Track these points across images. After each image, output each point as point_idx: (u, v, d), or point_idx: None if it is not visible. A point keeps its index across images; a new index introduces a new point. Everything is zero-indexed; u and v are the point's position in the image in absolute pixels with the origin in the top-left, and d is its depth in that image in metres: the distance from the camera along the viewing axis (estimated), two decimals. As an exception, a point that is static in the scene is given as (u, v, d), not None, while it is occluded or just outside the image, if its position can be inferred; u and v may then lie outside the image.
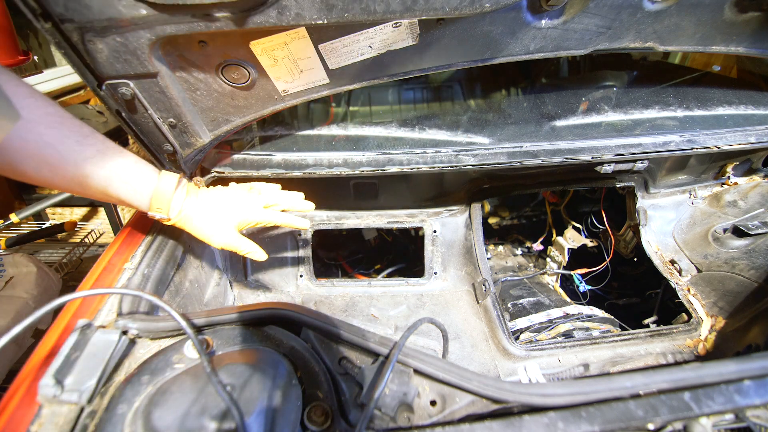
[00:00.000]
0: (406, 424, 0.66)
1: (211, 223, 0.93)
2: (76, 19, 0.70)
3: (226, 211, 0.95)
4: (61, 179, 0.76)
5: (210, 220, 0.93)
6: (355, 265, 1.83)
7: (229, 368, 0.66)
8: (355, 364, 0.73)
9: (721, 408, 0.62)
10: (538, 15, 0.88)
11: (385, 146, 1.22)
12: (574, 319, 1.27)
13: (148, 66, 0.81)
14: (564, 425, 0.60)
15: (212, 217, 0.93)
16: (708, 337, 1.19)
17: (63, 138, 0.74)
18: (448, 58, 0.93)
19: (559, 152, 1.18)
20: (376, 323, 1.32)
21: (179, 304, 1.06)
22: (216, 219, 0.93)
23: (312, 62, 0.87)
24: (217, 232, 0.94)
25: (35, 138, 0.71)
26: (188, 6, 0.69)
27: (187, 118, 0.95)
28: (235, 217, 0.95)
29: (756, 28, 1.00)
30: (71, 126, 0.76)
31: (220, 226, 0.94)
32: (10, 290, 1.72)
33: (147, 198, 0.86)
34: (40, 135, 0.71)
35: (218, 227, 0.94)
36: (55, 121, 0.74)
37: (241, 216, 0.96)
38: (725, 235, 1.31)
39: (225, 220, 0.95)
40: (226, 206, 0.96)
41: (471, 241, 1.42)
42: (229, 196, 0.98)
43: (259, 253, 1.00)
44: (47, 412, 0.65)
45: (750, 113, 1.30)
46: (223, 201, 0.96)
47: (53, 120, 0.73)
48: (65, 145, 0.74)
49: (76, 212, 2.72)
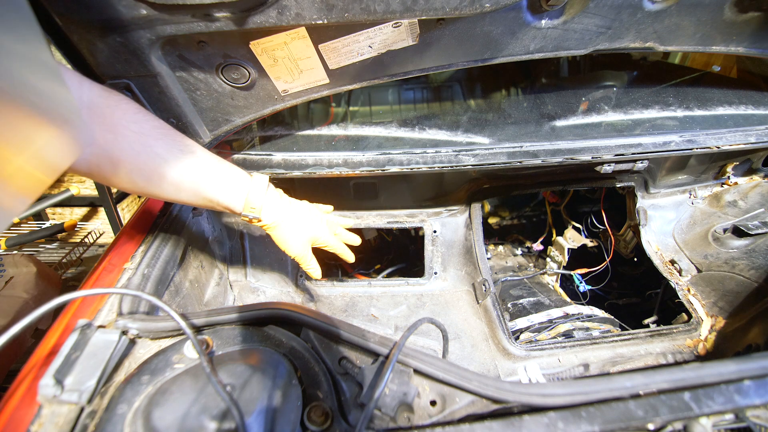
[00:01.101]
0: (406, 424, 0.66)
1: (295, 233, 1.00)
2: (76, 19, 0.70)
3: (308, 225, 1.03)
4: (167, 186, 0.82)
5: (294, 230, 1.00)
6: (355, 265, 1.83)
7: (229, 368, 0.66)
8: (355, 364, 0.73)
9: (721, 408, 0.62)
10: (538, 15, 0.88)
11: (385, 146, 1.22)
12: (574, 319, 1.27)
13: (148, 66, 0.81)
14: (564, 425, 0.60)
15: (297, 228, 1.00)
16: (708, 337, 1.19)
17: (169, 148, 0.80)
18: (448, 58, 0.93)
19: (559, 152, 1.18)
20: (376, 323, 1.32)
21: (179, 304, 1.06)
22: (300, 231, 1.01)
23: (312, 62, 0.87)
24: (298, 242, 1.01)
25: (146, 150, 0.77)
26: (188, 6, 0.69)
27: (187, 118, 0.95)
28: (313, 232, 1.03)
29: (756, 28, 1.00)
30: (174, 136, 0.82)
31: (301, 237, 1.01)
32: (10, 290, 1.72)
33: (242, 199, 0.90)
34: (151, 147, 0.77)
35: (299, 238, 1.01)
36: (161, 133, 0.80)
37: (316, 233, 1.04)
38: (725, 235, 1.31)
39: (306, 233, 1.02)
40: (309, 222, 1.03)
41: (471, 241, 1.42)
42: (314, 213, 1.06)
43: (317, 271, 1.09)
44: (47, 412, 0.65)
45: (750, 113, 1.30)
46: (309, 216, 1.04)
47: (159, 132, 0.79)
48: (172, 154, 0.80)
49: (76, 212, 2.72)
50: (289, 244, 1.00)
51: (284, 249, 1.01)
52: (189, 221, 1.20)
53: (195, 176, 0.83)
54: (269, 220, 0.95)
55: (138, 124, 0.76)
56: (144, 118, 0.78)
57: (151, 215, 1.13)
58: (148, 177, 0.80)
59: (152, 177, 0.80)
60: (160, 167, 0.79)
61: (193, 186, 0.84)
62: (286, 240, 1.00)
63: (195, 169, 0.83)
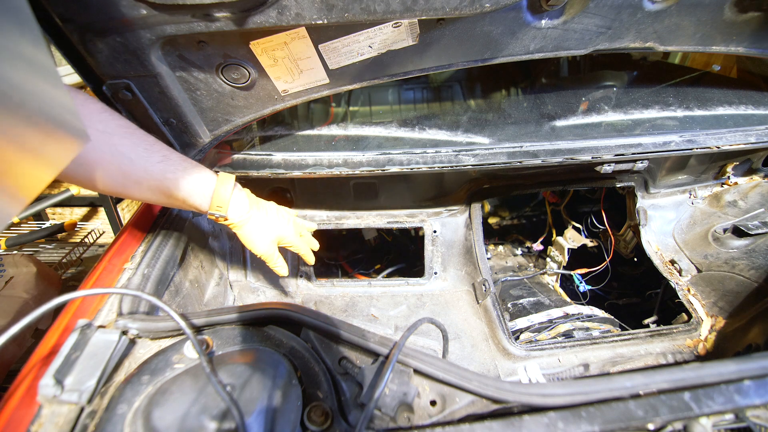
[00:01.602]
0: (406, 424, 0.66)
1: (261, 232, 1.01)
2: (76, 19, 0.70)
3: (275, 225, 1.04)
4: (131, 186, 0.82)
5: (260, 230, 1.01)
6: (355, 265, 1.83)
7: (229, 368, 0.66)
8: (355, 364, 0.73)
9: (721, 408, 0.62)
10: (538, 15, 0.88)
11: (385, 146, 1.22)
12: (574, 319, 1.27)
13: (148, 66, 0.81)
14: (564, 425, 0.60)
15: (263, 227, 1.01)
16: (708, 337, 1.19)
17: (133, 146, 0.80)
18: (448, 58, 0.93)
19: (559, 152, 1.18)
20: (376, 323, 1.32)
21: (179, 304, 1.06)
22: (266, 230, 1.02)
23: (312, 62, 0.87)
24: (264, 241, 1.02)
25: (111, 149, 0.77)
26: (188, 6, 0.69)
27: (187, 118, 0.95)
28: (279, 232, 1.05)
29: (756, 28, 1.00)
30: (139, 135, 0.82)
31: (267, 236, 1.02)
32: (10, 290, 1.72)
33: (208, 198, 0.91)
34: (115, 146, 0.77)
35: (265, 237, 1.02)
36: (126, 132, 0.79)
37: (282, 233, 1.06)
38: (725, 235, 1.31)
39: (272, 232, 1.03)
40: (276, 221, 1.05)
41: (471, 241, 1.42)
42: (280, 213, 1.08)
43: (285, 269, 1.10)
44: (47, 412, 0.65)
45: (750, 113, 1.30)
46: (275, 216, 1.05)
47: (125, 131, 0.79)
48: (136, 152, 0.80)
49: (76, 212, 2.72)
50: (255, 243, 1.01)
51: (250, 247, 1.02)
52: (189, 221, 1.20)
53: (160, 175, 0.83)
54: (235, 219, 0.95)
55: (103, 123, 0.76)
56: (109, 117, 0.78)
57: (152, 215, 1.13)
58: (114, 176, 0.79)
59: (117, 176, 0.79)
60: (125, 166, 0.79)
61: (158, 185, 0.84)
62: (253, 239, 1.00)
63: (160, 167, 0.82)
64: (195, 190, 0.88)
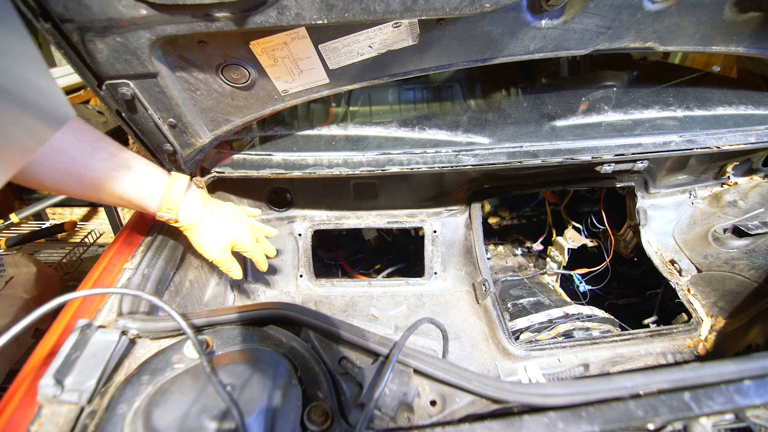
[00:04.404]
0: (406, 424, 0.66)
1: (214, 236, 0.97)
2: (76, 19, 0.70)
3: (229, 229, 0.99)
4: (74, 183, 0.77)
5: (214, 234, 0.96)
6: (355, 265, 1.83)
7: (229, 368, 0.66)
8: (355, 364, 0.73)
9: (721, 408, 0.62)
10: (538, 15, 0.88)
11: (385, 146, 1.22)
12: (574, 319, 1.27)
13: (148, 66, 0.81)
14: (564, 425, 0.60)
15: (217, 231, 0.97)
16: (708, 337, 1.19)
17: (76, 142, 0.75)
18: (448, 58, 0.93)
19: (559, 152, 1.18)
20: (376, 323, 1.32)
21: (179, 304, 1.06)
22: (219, 234, 0.97)
23: (312, 62, 0.87)
24: (216, 245, 0.98)
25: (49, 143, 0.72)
26: (188, 6, 0.69)
27: (187, 118, 0.95)
28: (233, 235, 1.00)
29: (756, 28, 1.00)
30: (84, 130, 0.77)
31: (220, 241, 0.98)
32: (10, 290, 1.72)
33: (157, 199, 0.86)
34: (53, 140, 0.72)
35: (218, 242, 0.98)
36: (70, 128, 0.75)
37: (237, 236, 1.01)
38: (725, 235, 1.31)
39: (226, 236, 0.99)
40: (231, 225, 1.00)
41: (471, 241, 1.42)
42: (237, 216, 1.03)
43: (238, 272, 1.06)
44: (47, 412, 0.65)
45: (750, 113, 1.30)
46: (231, 219, 1.01)
47: (67, 127, 0.74)
48: (78, 148, 0.75)
49: (76, 212, 2.72)
50: (207, 247, 0.97)
51: (202, 251, 0.98)
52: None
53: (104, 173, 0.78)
54: (187, 222, 0.92)
55: None
56: None
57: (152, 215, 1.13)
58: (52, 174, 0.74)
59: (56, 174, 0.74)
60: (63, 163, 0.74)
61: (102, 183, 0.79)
62: (205, 243, 0.96)
63: (104, 165, 0.78)
64: (143, 190, 0.84)
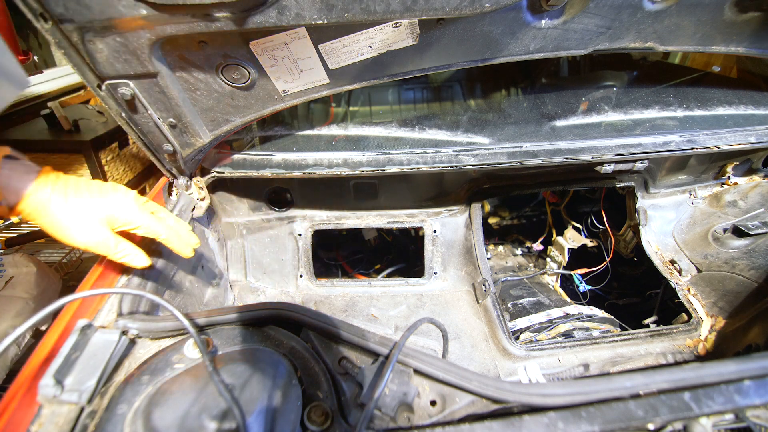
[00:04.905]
0: (406, 424, 0.66)
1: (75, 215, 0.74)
2: (76, 19, 0.70)
3: (97, 204, 0.76)
4: None
5: (74, 214, 0.74)
6: (355, 265, 1.83)
7: (230, 368, 0.66)
8: (355, 364, 0.73)
9: (721, 408, 0.62)
10: (538, 15, 0.88)
11: (385, 146, 1.22)
12: (574, 319, 1.27)
13: (148, 66, 0.81)
14: (564, 425, 0.60)
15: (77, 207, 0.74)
16: (708, 337, 1.19)
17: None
18: (448, 58, 0.93)
19: (559, 152, 1.18)
20: (376, 323, 1.32)
21: (179, 303, 1.06)
22: (82, 210, 0.75)
23: (312, 62, 0.87)
24: (83, 228, 0.75)
25: None
26: (188, 6, 0.69)
27: (187, 118, 0.95)
28: (108, 211, 0.78)
29: (756, 28, 1.00)
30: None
31: (87, 221, 0.75)
32: (10, 290, 1.72)
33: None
34: None
35: (84, 222, 0.75)
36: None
37: (114, 211, 0.78)
38: (725, 235, 1.31)
39: (95, 214, 0.76)
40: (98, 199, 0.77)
41: (471, 241, 1.42)
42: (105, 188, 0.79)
43: (138, 258, 0.82)
44: (47, 412, 0.65)
45: (750, 113, 1.30)
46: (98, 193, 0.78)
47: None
48: None
49: (76, 212, 2.71)
50: (69, 232, 0.74)
51: (64, 239, 0.75)
52: (189, 221, 1.20)
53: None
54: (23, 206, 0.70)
55: None
56: None
57: None
58: None
59: None
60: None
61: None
62: (64, 227, 0.74)
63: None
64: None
